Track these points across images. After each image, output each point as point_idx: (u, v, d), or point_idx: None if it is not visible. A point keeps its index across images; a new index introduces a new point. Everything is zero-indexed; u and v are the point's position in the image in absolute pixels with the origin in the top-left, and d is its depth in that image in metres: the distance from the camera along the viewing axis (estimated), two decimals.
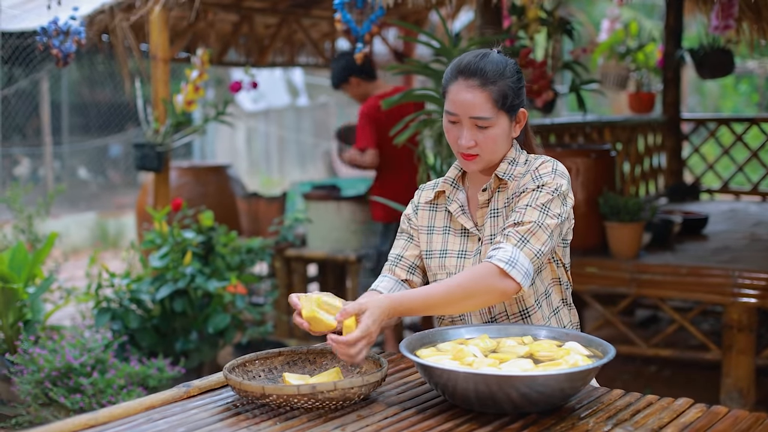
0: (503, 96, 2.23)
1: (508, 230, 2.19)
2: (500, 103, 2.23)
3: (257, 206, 6.50)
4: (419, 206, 2.45)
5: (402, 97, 4.99)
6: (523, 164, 2.32)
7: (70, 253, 9.10)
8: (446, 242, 2.38)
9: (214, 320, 4.90)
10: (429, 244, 2.40)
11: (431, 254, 2.39)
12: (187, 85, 5.36)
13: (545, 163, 2.27)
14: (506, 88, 2.24)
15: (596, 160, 5.16)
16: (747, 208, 7.25)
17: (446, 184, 2.41)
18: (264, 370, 2.22)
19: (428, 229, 2.42)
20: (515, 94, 2.26)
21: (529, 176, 2.26)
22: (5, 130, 10.97)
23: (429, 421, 1.93)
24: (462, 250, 2.35)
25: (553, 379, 1.89)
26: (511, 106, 2.26)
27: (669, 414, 1.98)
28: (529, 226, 2.17)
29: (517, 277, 2.12)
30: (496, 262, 2.13)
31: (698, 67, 6.91)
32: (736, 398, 4.60)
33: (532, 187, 2.23)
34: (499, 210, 2.31)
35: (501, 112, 2.24)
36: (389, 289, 2.35)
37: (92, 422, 1.93)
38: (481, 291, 2.13)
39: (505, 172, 2.30)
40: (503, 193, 2.32)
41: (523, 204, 2.22)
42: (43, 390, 4.31)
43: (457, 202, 2.37)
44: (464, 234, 2.36)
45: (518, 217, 2.20)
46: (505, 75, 2.24)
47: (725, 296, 4.66)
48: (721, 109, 15.90)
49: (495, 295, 2.14)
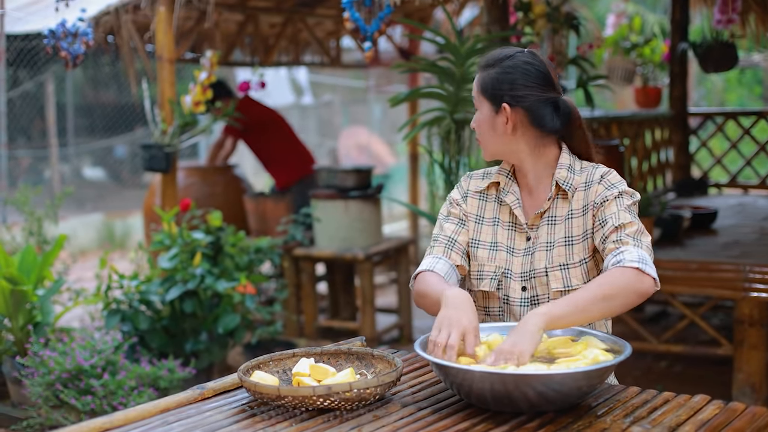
0: (489, 84, 2.31)
1: (620, 235, 2.19)
2: (481, 88, 2.33)
3: (264, 206, 6.49)
4: (468, 193, 2.45)
5: (409, 95, 4.99)
6: (579, 172, 2.34)
7: (78, 254, 9.10)
8: (496, 234, 2.39)
9: (224, 320, 4.90)
10: (478, 233, 2.41)
11: (480, 244, 2.40)
12: (195, 86, 5.35)
13: (612, 172, 2.32)
14: (495, 77, 2.30)
15: (604, 155, 5.09)
16: (755, 202, 7.22)
17: (501, 175, 2.42)
18: (278, 371, 2.21)
19: (477, 218, 2.43)
20: (501, 86, 2.29)
21: (601, 186, 2.29)
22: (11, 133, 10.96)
23: (445, 421, 1.92)
24: (510, 246, 2.37)
25: (570, 378, 1.88)
26: (493, 96, 2.30)
27: (686, 411, 1.97)
28: (635, 226, 2.20)
29: (652, 273, 2.11)
30: (629, 265, 2.11)
31: (701, 60, 6.88)
32: (749, 393, 4.58)
33: (613, 194, 2.26)
34: (558, 218, 2.32)
35: (483, 98, 2.33)
36: (446, 273, 2.32)
37: (107, 425, 1.92)
38: (623, 293, 2.09)
39: (564, 180, 2.32)
40: (563, 201, 2.33)
41: (612, 211, 2.24)
42: (53, 392, 4.31)
43: (513, 194, 2.38)
44: (512, 228, 2.37)
45: (615, 221, 2.21)
46: (503, 65, 2.30)
47: (736, 291, 4.64)
48: (726, 102, 15.86)
49: (637, 296, 2.10)
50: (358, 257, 5.93)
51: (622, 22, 7.81)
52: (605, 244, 2.22)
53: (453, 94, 4.52)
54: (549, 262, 2.30)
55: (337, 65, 8.16)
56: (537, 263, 2.31)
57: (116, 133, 13.80)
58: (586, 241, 2.29)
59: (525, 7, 5.13)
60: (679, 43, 7.55)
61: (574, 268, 2.29)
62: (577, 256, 2.29)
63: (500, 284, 2.36)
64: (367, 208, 6.08)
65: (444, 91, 4.59)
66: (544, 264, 2.30)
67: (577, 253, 2.29)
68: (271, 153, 6.92)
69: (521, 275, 2.33)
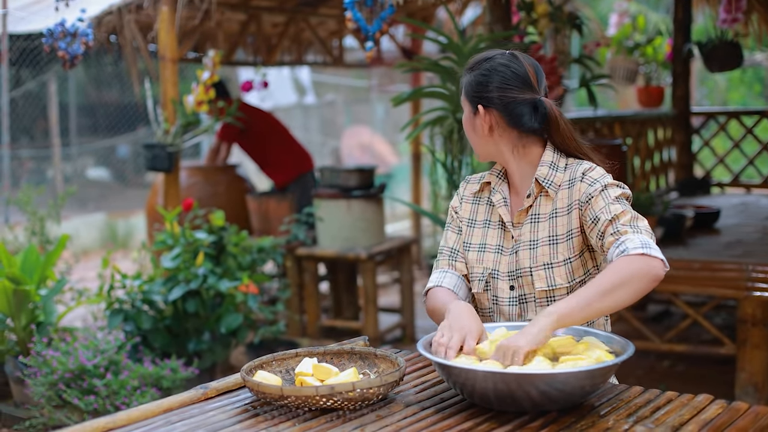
0: (468, 85, 2.36)
1: (616, 227, 2.17)
2: (463, 90, 2.38)
3: (267, 205, 6.49)
4: (464, 198, 2.48)
5: (412, 95, 4.99)
6: (563, 170, 2.33)
7: (81, 254, 9.11)
8: (485, 236, 2.40)
9: (227, 320, 4.90)
10: (469, 236, 2.43)
11: (470, 247, 2.41)
12: (198, 85, 5.36)
13: (594, 168, 2.30)
14: (470, 79, 2.35)
15: (607, 155, 5.05)
16: (758, 201, 7.22)
17: (492, 175, 2.44)
18: (281, 371, 2.21)
19: (469, 222, 2.44)
20: (474, 88, 2.33)
21: (584, 184, 2.26)
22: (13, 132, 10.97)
23: (448, 421, 1.92)
24: (499, 245, 2.37)
25: (573, 377, 1.88)
26: (471, 98, 2.34)
27: (689, 411, 1.97)
28: (629, 215, 2.19)
29: (658, 255, 2.08)
30: (633, 252, 2.08)
31: (706, 60, 6.88)
32: (751, 393, 4.58)
33: (597, 189, 2.24)
34: (542, 216, 2.32)
35: (465, 100, 2.38)
36: (454, 285, 2.37)
37: (110, 425, 1.92)
38: (634, 280, 2.05)
39: (545, 178, 2.31)
40: (546, 199, 2.32)
41: (600, 206, 2.22)
42: (56, 392, 4.31)
43: (500, 193, 2.40)
44: (502, 227, 2.38)
45: (608, 215, 2.19)
46: (475, 69, 2.34)
47: (739, 290, 4.64)
48: (729, 101, 15.85)
49: (648, 280, 2.06)
50: (361, 257, 5.93)
51: (625, 21, 7.80)
52: (603, 239, 2.19)
53: (455, 93, 4.52)
54: (533, 261, 2.30)
55: (340, 65, 8.16)
56: (522, 262, 2.31)
57: (119, 133, 13.80)
58: (570, 240, 2.28)
59: (528, 6, 5.14)
60: (683, 42, 7.54)
61: (558, 267, 2.28)
62: (561, 255, 2.28)
63: (488, 285, 2.37)
64: (370, 207, 6.08)
65: (446, 90, 4.59)
66: (528, 263, 2.30)
67: (561, 252, 2.28)
68: (266, 155, 6.95)
69: (508, 274, 2.34)
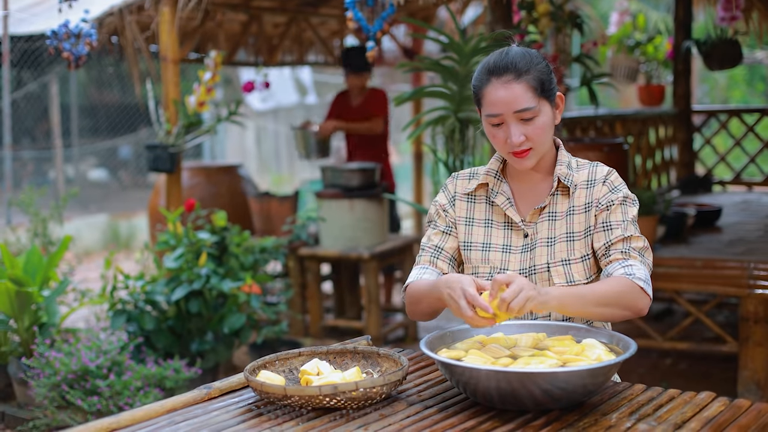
0: (540, 82, 2.23)
1: (627, 247, 2.23)
2: (539, 90, 2.23)
3: (269, 205, 6.50)
4: (456, 196, 2.42)
5: (413, 95, 4.99)
6: (577, 169, 2.34)
7: (83, 255, 9.12)
8: (489, 235, 2.37)
9: (230, 320, 4.91)
10: (468, 235, 2.39)
11: (471, 246, 2.38)
12: (199, 86, 5.36)
13: (613, 172, 2.32)
14: (540, 74, 2.24)
15: (609, 153, 5.14)
16: (760, 199, 7.22)
17: (489, 176, 2.39)
18: (284, 371, 2.22)
19: (467, 220, 2.40)
20: (549, 79, 2.26)
21: (605, 188, 2.29)
22: (15, 134, 10.99)
23: (451, 419, 1.93)
24: (507, 244, 2.35)
25: (575, 375, 1.88)
26: (549, 91, 2.26)
27: (692, 408, 1.97)
28: (642, 243, 2.24)
29: (650, 295, 2.18)
30: (638, 282, 2.16)
31: (706, 58, 6.88)
32: (754, 390, 4.58)
33: (618, 198, 2.27)
34: (559, 214, 2.32)
35: (542, 99, 2.24)
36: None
37: (114, 425, 1.93)
38: (624, 304, 2.14)
39: (566, 177, 2.32)
40: (564, 197, 2.33)
41: (619, 219, 2.25)
42: (59, 393, 4.32)
43: (503, 194, 2.36)
44: (508, 227, 2.36)
45: (624, 232, 2.24)
46: (534, 62, 2.24)
47: (741, 288, 4.64)
48: (730, 99, 15.84)
49: (632, 312, 2.16)
50: (363, 256, 5.93)
51: (626, 20, 7.80)
52: (610, 250, 2.23)
53: (457, 93, 4.53)
54: (551, 257, 2.30)
55: (341, 65, 8.16)
56: (538, 259, 2.30)
57: (120, 134, 13.81)
58: (587, 238, 2.29)
59: (528, 5, 5.13)
60: (683, 40, 7.54)
61: (575, 264, 2.28)
62: (579, 252, 2.29)
63: None
64: (372, 207, 6.09)
65: (448, 90, 4.59)
66: (545, 260, 2.29)
67: (578, 249, 2.29)
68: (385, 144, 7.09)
69: (520, 272, 2.31)
